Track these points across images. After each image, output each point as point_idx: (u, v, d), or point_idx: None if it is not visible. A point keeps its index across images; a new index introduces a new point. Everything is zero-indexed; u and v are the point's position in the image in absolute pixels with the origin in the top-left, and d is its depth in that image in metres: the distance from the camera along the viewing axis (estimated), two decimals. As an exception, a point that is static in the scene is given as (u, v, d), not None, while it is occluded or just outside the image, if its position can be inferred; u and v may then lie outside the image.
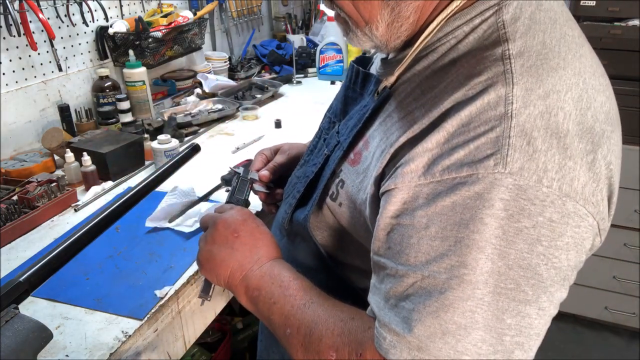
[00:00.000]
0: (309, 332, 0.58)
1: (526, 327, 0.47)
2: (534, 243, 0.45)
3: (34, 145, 1.50)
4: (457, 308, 0.46)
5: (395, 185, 0.51)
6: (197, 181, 1.26)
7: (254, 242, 0.69)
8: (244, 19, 2.46)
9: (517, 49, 0.49)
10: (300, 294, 0.61)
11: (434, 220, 0.48)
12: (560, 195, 0.45)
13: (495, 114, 0.46)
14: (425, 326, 0.47)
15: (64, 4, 1.53)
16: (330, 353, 0.55)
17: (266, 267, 0.66)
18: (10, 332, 0.54)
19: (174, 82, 1.96)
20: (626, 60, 1.89)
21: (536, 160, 0.45)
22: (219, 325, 1.73)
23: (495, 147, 0.46)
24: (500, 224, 0.45)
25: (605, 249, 2.15)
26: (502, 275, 0.46)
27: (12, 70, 1.42)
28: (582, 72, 0.50)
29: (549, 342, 2.47)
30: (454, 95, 0.50)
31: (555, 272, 0.47)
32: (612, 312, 2.26)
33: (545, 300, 0.47)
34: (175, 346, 0.93)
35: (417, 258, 0.49)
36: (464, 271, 0.46)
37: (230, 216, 0.72)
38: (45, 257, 0.58)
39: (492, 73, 0.48)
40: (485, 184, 0.45)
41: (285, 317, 0.60)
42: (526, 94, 0.47)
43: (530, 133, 0.45)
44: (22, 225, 1.10)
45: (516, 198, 0.45)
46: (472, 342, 0.46)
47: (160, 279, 0.94)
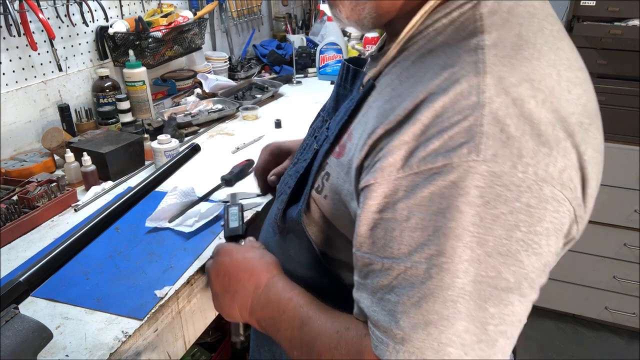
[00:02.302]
0: (308, 350, 0.58)
1: (509, 315, 0.47)
2: (512, 229, 0.45)
3: (34, 145, 1.50)
4: (437, 297, 0.46)
5: (374, 179, 0.51)
6: (197, 181, 1.26)
7: (246, 274, 0.70)
8: (244, 19, 2.46)
9: (491, 40, 0.49)
10: (297, 315, 0.62)
11: (414, 211, 0.48)
12: (537, 180, 0.46)
13: (468, 104, 0.47)
14: (409, 317, 0.47)
15: (64, 4, 1.53)
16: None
17: (264, 295, 0.67)
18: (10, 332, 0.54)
19: (174, 82, 1.96)
20: (626, 60, 1.89)
21: (510, 146, 0.45)
22: (219, 325, 1.73)
23: (468, 135, 0.46)
24: (476, 211, 0.45)
25: (605, 249, 2.15)
26: (482, 263, 0.46)
27: (12, 70, 1.42)
28: (557, 64, 0.50)
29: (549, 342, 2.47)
30: (429, 86, 0.50)
31: (536, 258, 0.47)
32: (612, 312, 2.26)
33: (527, 287, 0.47)
34: (175, 346, 0.93)
35: (400, 250, 0.49)
36: (442, 259, 0.46)
37: (218, 262, 0.74)
38: (45, 257, 0.58)
39: (465, 63, 0.49)
40: (460, 173, 0.45)
41: (290, 340, 0.62)
42: (498, 82, 0.47)
43: (503, 120, 0.46)
44: (22, 225, 1.10)
45: (491, 185, 0.45)
46: (455, 333, 0.46)
47: (160, 279, 0.94)
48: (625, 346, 2.28)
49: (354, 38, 2.34)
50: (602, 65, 1.93)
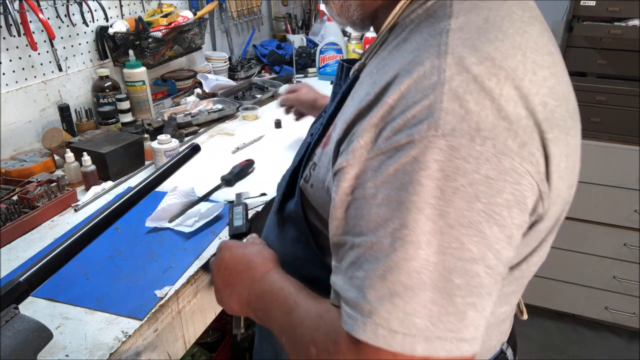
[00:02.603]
0: (293, 335, 0.60)
1: (476, 286, 0.47)
2: (472, 200, 0.46)
3: (34, 145, 1.50)
4: (401, 269, 0.46)
5: (347, 162, 0.53)
6: (197, 181, 1.26)
7: (245, 268, 0.73)
8: (244, 19, 2.46)
9: (457, 24, 0.51)
10: (287, 302, 0.63)
11: (380, 188, 0.49)
12: (495, 153, 0.46)
13: (430, 83, 0.48)
14: (374, 290, 0.47)
15: (64, 4, 1.53)
16: (310, 348, 0.56)
17: (259, 287, 0.70)
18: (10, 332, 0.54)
19: (174, 82, 1.96)
20: (626, 60, 1.89)
21: (468, 121, 0.46)
22: (219, 325, 1.73)
23: (429, 112, 0.47)
24: (437, 185, 0.46)
25: (605, 249, 2.16)
26: (444, 234, 0.46)
27: (12, 70, 1.42)
28: (522, 46, 0.51)
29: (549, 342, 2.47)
30: (395, 71, 0.52)
31: (499, 229, 0.47)
32: (612, 312, 2.26)
33: (492, 257, 0.47)
34: (175, 346, 0.93)
35: (367, 227, 0.50)
36: (405, 232, 0.46)
37: (219, 258, 0.78)
38: (45, 257, 0.58)
39: (429, 46, 0.51)
40: (420, 148, 0.47)
41: (279, 327, 0.64)
42: (459, 61, 0.48)
43: (462, 96, 0.47)
44: (22, 225, 1.10)
45: (450, 158, 0.46)
46: (421, 304, 0.46)
47: (160, 279, 0.94)
48: (625, 346, 2.28)
49: (354, 38, 2.33)
50: (602, 65, 1.93)
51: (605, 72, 1.94)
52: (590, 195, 2.08)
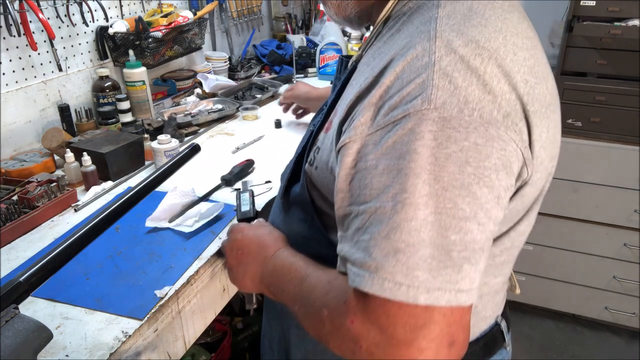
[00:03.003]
0: (306, 302, 0.65)
1: (470, 242, 0.52)
2: (463, 165, 0.51)
3: (34, 145, 1.50)
4: (403, 228, 0.51)
5: (349, 139, 0.58)
6: (197, 181, 1.26)
7: (257, 247, 0.80)
8: (244, 19, 2.46)
9: (445, 12, 0.58)
10: (298, 274, 0.69)
11: (381, 159, 0.55)
12: (482, 122, 0.52)
13: (421, 64, 0.54)
14: (380, 249, 0.52)
15: (64, 4, 1.53)
16: (323, 310, 0.61)
17: (271, 263, 0.76)
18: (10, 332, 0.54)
19: (174, 82, 1.96)
20: (626, 60, 1.89)
21: (457, 95, 0.52)
22: (219, 325, 1.73)
23: (422, 88, 0.53)
24: (431, 152, 0.52)
25: (605, 249, 2.16)
26: (439, 196, 0.51)
27: (12, 70, 1.42)
28: (503, 30, 0.57)
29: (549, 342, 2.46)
30: (391, 54, 0.59)
31: (488, 191, 0.52)
32: (612, 312, 2.26)
33: (483, 216, 0.52)
34: (175, 346, 0.93)
35: (371, 194, 0.55)
36: (404, 195, 0.52)
37: (231, 239, 0.84)
38: (45, 257, 0.58)
39: (420, 32, 0.57)
40: (415, 120, 0.52)
41: (292, 297, 0.69)
42: (447, 44, 0.54)
43: (451, 74, 0.53)
44: (22, 225, 1.10)
45: (442, 128, 0.52)
46: (422, 258, 0.51)
47: (160, 279, 0.94)
48: (625, 346, 2.28)
49: (354, 38, 2.33)
50: (602, 65, 1.93)
51: (605, 72, 1.94)
52: (590, 195, 2.08)
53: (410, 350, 0.52)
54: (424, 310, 0.51)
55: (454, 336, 0.53)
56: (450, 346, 0.52)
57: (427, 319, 0.51)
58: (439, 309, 0.51)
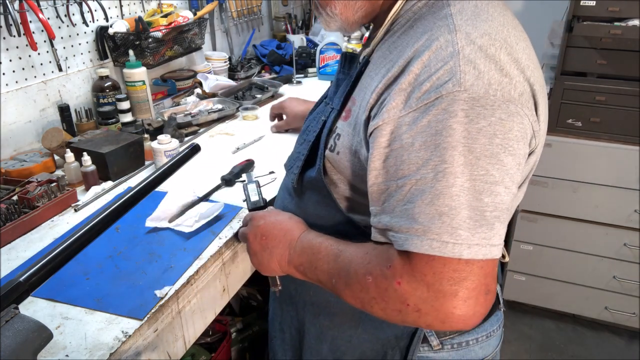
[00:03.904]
0: (346, 274, 0.71)
1: (500, 203, 0.60)
2: (492, 137, 0.60)
3: (34, 145, 1.50)
4: (445, 194, 0.59)
5: (382, 121, 0.65)
6: (197, 181, 1.26)
7: (281, 232, 0.83)
8: (244, 19, 2.46)
9: (456, 9, 0.66)
10: (331, 251, 0.75)
11: (417, 137, 0.62)
12: (504, 101, 0.61)
13: (447, 53, 0.62)
14: (425, 214, 0.60)
15: (64, 4, 1.53)
16: (367, 277, 0.67)
17: (299, 245, 0.80)
18: (10, 332, 0.54)
19: (174, 82, 1.96)
20: (626, 60, 1.89)
21: (482, 78, 0.60)
22: (219, 325, 1.73)
23: (451, 74, 0.61)
24: (465, 127, 0.59)
25: (605, 249, 2.16)
26: (473, 165, 0.59)
27: (12, 70, 1.42)
28: (505, 24, 0.66)
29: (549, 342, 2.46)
30: (414, 47, 0.65)
31: (512, 158, 0.61)
32: (612, 312, 2.26)
33: (509, 180, 0.61)
34: (175, 346, 0.93)
35: (409, 169, 0.62)
36: (444, 166, 0.59)
37: (254, 226, 0.87)
38: (45, 257, 0.58)
39: (440, 27, 0.65)
40: (449, 101, 0.60)
41: (327, 272, 0.74)
42: (466, 36, 0.62)
43: (474, 61, 0.61)
44: (22, 225, 1.10)
45: (472, 106, 0.60)
46: (462, 219, 0.59)
47: (160, 279, 0.94)
48: (625, 346, 2.28)
49: (354, 38, 2.33)
50: (602, 65, 1.93)
51: (605, 72, 1.94)
52: (590, 195, 2.08)
53: (455, 301, 0.60)
54: (466, 264, 0.59)
55: (489, 286, 0.61)
56: (486, 294, 0.61)
57: (468, 272, 0.59)
58: (477, 262, 0.59)
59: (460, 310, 0.60)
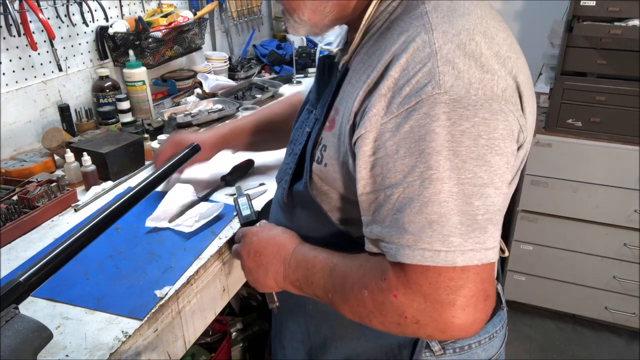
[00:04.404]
0: (342, 288, 0.70)
1: (490, 205, 0.59)
2: (476, 138, 0.58)
3: (34, 145, 1.50)
4: (434, 201, 0.58)
5: (365, 129, 0.63)
6: (197, 181, 1.26)
7: (275, 248, 0.82)
8: (244, 19, 2.46)
9: (432, 6, 0.64)
10: (325, 265, 0.73)
11: (400, 144, 0.60)
12: (486, 99, 0.59)
13: (424, 55, 0.60)
14: (415, 223, 0.59)
15: (64, 4, 1.53)
16: (363, 292, 0.66)
17: (293, 260, 0.79)
18: (10, 332, 0.54)
19: (174, 82, 1.96)
20: (626, 60, 1.89)
21: (462, 78, 0.58)
22: (219, 325, 1.73)
23: (430, 76, 0.59)
24: (448, 131, 0.58)
25: (605, 249, 2.15)
26: (460, 169, 0.58)
27: (12, 70, 1.42)
28: (483, 16, 0.64)
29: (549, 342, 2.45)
30: (392, 50, 0.63)
31: (499, 158, 0.59)
32: (612, 312, 2.26)
33: (498, 180, 0.59)
34: (175, 346, 0.93)
35: (396, 177, 0.61)
36: (430, 172, 0.58)
37: (247, 243, 0.85)
38: (45, 257, 0.59)
39: (415, 27, 0.63)
40: (429, 104, 0.58)
41: (324, 287, 0.73)
42: (443, 35, 0.60)
43: (452, 60, 0.59)
44: (22, 225, 1.10)
45: (454, 108, 0.58)
46: (453, 225, 0.58)
47: (160, 279, 0.94)
48: (625, 346, 2.28)
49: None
50: (602, 65, 1.93)
51: (605, 72, 1.94)
52: (590, 195, 2.08)
53: (454, 310, 0.59)
54: (461, 271, 0.58)
55: (488, 291, 0.60)
56: (485, 300, 0.60)
57: (464, 279, 0.58)
58: (473, 267, 0.58)
59: (459, 319, 0.59)
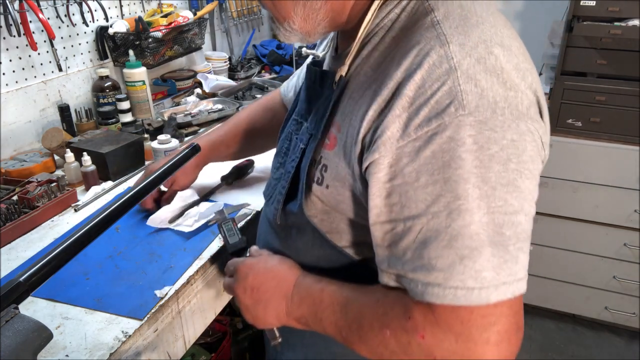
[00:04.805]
0: (358, 327, 0.63)
1: (521, 232, 0.55)
2: (506, 162, 0.54)
3: (34, 145, 1.50)
4: (464, 234, 0.53)
5: (379, 154, 0.57)
6: (197, 181, 1.26)
7: (274, 282, 0.74)
8: (244, 19, 2.46)
9: (442, 15, 0.58)
10: (335, 300, 0.67)
11: (422, 171, 0.55)
12: (513, 119, 0.54)
13: (442, 71, 0.55)
14: (443, 258, 0.54)
15: (64, 4, 1.53)
16: (384, 331, 0.60)
17: (297, 294, 0.72)
18: (10, 332, 0.54)
19: (174, 82, 1.96)
20: (626, 60, 1.89)
21: (486, 97, 0.54)
22: (219, 325, 1.73)
23: (451, 96, 0.54)
24: (475, 156, 0.53)
25: (605, 249, 2.15)
26: (490, 196, 0.53)
27: (12, 70, 1.42)
28: (496, 25, 0.59)
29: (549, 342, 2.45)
30: (404, 66, 0.57)
31: (530, 182, 0.56)
32: (612, 312, 2.26)
33: (528, 206, 0.56)
34: (175, 346, 0.93)
35: (417, 207, 0.55)
36: (458, 202, 0.53)
37: (242, 279, 0.77)
38: (45, 257, 0.58)
39: (428, 39, 0.57)
40: (453, 127, 0.53)
41: (335, 324, 0.67)
42: (461, 48, 0.55)
43: (474, 77, 0.54)
44: (22, 225, 1.10)
45: (481, 131, 0.53)
46: (486, 259, 0.53)
47: (160, 279, 0.94)
48: (625, 346, 2.28)
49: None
50: (602, 65, 1.93)
51: (605, 72, 1.94)
52: (590, 195, 2.08)
53: (487, 348, 0.54)
54: (494, 308, 0.54)
55: (519, 322, 0.56)
56: (517, 332, 0.56)
57: (498, 315, 0.54)
58: (506, 302, 0.54)
59: (493, 356, 0.55)
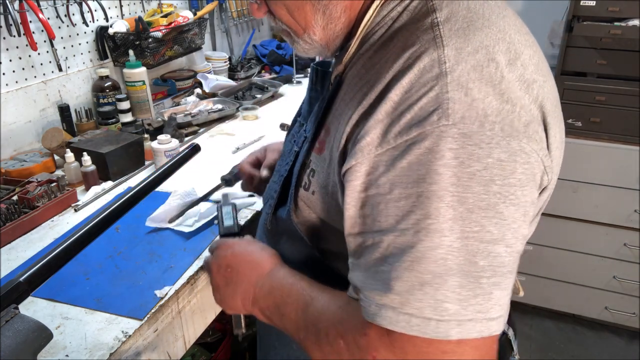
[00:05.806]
0: (316, 330, 0.59)
1: (499, 266, 0.48)
2: (488, 184, 0.47)
3: (34, 145, 1.50)
4: (429, 258, 0.47)
5: (356, 160, 0.53)
6: (197, 181, 1.26)
7: (249, 265, 0.70)
8: (244, 19, 2.46)
9: (444, 16, 0.53)
10: (301, 298, 0.62)
11: (396, 183, 0.50)
12: (504, 136, 0.48)
13: (432, 76, 0.49)
14: (403, 281, 0.48)
15: (64, 4, 1.53)
16: (338, 341, 0.56)
17: (267, 283, 0.67)
18: (10, 332, 0.54)
19: (174, 82, 1.96)
20: (626, 60, 1.89)
21: (475, 108, 0.48)
22: (219, 325, 1.73)
23: (436, 103, 0.48)
24: (453, 172, 0.47)
25: (605, 249, 2.15)
26: (465, 219, 0.47)
27: (12, 70, 1.42)
28: (506, 29, 0.53)
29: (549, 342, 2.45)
30: (394, 67, 0.53)
31: (515, 209, 0.49)
32: (612, 312, 2.26)
33: (511, 237, 0.49)
34: (175, 346, 0.93)
35: (387, 222, 0.50)
36: (428, 222, 0.48)
37: (219, 256, 0.73)
38: (45, 257, 0.58)
39: (424, 41, 0.52)
40: (433, 138, 0.48)
41: (295, 323, 0.62)
42: (457, 52, 0.50)
43: (466, 85, 0.48)
44: (22, 225, 1.10)
45: (463, 145, 0.47)
46: (450, 289, 0.47)
47: (160, 279, 0.94)
48: (625, 346, 2.27)
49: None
50: (602, 65, 1.93)
51: (605, 72, 1.94)
52: (590, 195, 2.08)
53: None
54: (457, 345, 0.48)
55: None
56: None
57: (459, 354, 0.48)
58: (471, 341, 0.48)
59: None
